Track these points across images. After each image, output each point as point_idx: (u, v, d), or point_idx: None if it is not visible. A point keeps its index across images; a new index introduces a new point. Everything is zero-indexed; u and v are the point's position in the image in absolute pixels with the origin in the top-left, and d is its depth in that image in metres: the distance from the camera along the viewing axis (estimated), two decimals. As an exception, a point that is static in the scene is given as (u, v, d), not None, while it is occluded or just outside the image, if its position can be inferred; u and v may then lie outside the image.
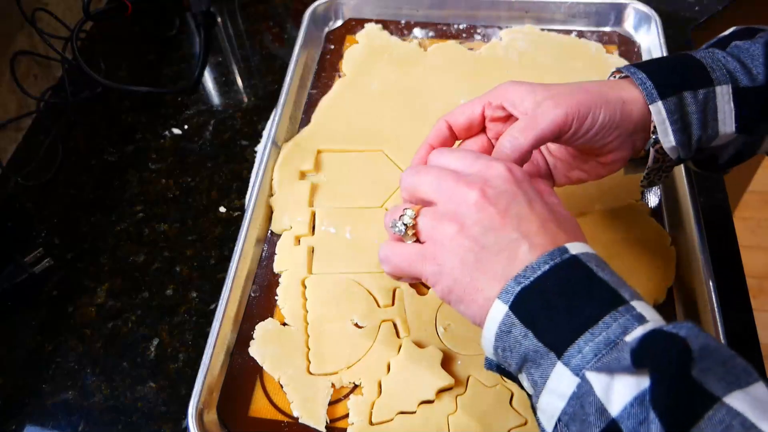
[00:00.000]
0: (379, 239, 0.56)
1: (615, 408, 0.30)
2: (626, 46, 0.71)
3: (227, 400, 0.49)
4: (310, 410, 0.47)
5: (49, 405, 0.52)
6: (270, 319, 0.52)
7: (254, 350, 0.51)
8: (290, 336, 0.51)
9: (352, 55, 0.72)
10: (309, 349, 0.50)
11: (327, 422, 0.47)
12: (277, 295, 0.54)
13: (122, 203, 0.65)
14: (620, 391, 0.30)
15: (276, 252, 0.56)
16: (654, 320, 0.33)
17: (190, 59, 0.79)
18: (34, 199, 0.66)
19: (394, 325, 0.51)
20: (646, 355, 0.30)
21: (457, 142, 0.47)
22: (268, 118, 0.69)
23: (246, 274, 0.55)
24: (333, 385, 0.49)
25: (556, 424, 0.33)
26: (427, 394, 0.47)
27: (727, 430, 0.28)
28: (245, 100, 0.74)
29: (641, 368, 0.30)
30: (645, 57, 0.70)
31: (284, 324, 0.52)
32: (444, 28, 0.75)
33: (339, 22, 0.76)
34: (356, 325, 0.51)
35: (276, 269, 0.55)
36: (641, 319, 0.32)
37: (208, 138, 0.70)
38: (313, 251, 0.56)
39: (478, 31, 0.74)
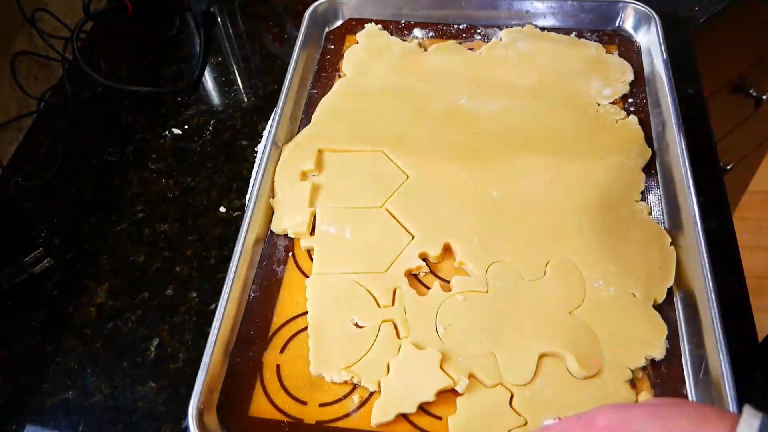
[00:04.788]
0: (379, 239, 0.56)
1: None
2: (626, 46, 0.71)
3: (227, 400, 0.49)
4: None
5: (49, 405, 0.52)
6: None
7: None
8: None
9: (352, 55, 0.72)
10: (309, 349, 0.50)
11: (327, 422, 0.47)
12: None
13: (122, 203, 0.65)
14: None
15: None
16: None
17: (190, 59, 0.79)
18: (34, 199, 0.66)
19: (395, 326, 0.51)
20: None
21: None
22: (268, 118, 0.69)
23: (246, 274, 0.55)
24: (333, 385, 0.49)
25: None
26: (426, 395, 0.47)
27: None
28: (245, 100, 0.74)
29: None
30: (645, 57, 0.70)
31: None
32: (444, 28, 0.75)
33: (339, 22, 0.76)
34: (356, 325, 0.51)
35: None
36: None
37: (208, 138, 0.70)
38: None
39: (478, 31, 0.74)
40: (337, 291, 0.53)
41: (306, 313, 0.53)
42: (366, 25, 0.75)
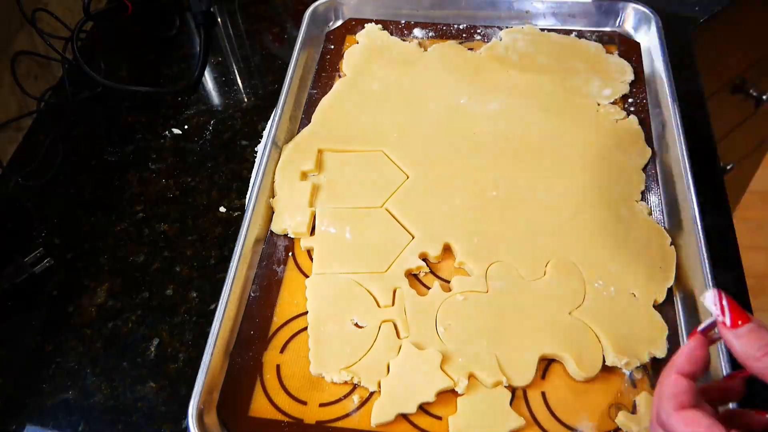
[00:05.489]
0: (379, 239, 0.56)
1: None
2: (626, 46, 0.71)
3: (227, 400, 0.49)
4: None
5: (49, 405, 0.52)
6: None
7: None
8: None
9: (352, 55, 0.72)
10: (309, 349, 0.50)
11: (326, 422, 0.47)
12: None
13: (122, 203, 0.65)
14: None
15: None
16: None
17: (190, 59, 0.79)
18: (34, 199, 0.66)
19: (395, 326, 0.51)
20: None
21: None
22: (268, 118, 0.69)
23: (246, 274, 0.55)
24: (333, 385, 0.49)
25: None
26: (426, 396, 0.47)
27: None
28: (245, 100, 0.74)
29: None
30: (645, 57, 0.70)
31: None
32: (444, 28, 0.75)
33: (339, 22, 0.76)
34: (356, 325, 0.51)
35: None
36: None
37: (208, 138, 0.70)
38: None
39: (478, 31, 0.74)
40: (337, 291, 0.53)
41: (306, 313, 0.53)
42: (366, 25, 0.75)
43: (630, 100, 0.66)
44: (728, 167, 1.20)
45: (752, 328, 0.35)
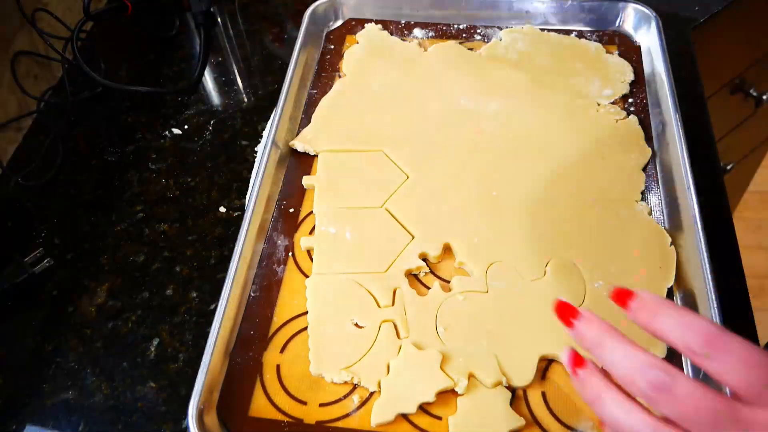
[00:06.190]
0: (379, 239, 0.56)
1: None
2: (626, 46, 0.71)
3: (227, 400, 0.49)
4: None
5: (49, 405, 0.52)
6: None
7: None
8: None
9: (352, 55, 0.72)
10: (309, 349, 0.50)
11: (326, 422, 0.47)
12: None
13: (122, 203, 0.65)
14: None
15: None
16: None
17: (190, 59, 0.79)
18: (34, 199, 0.66)
19: (395, 326, 0.51)
20: None
21: None
22: (268, 118, 0.69)
23: (246, 274, 0.55)
24: (333, 385, 0.49)
25: None
26: (426, 396, 0.47)
27: None
28: (245, 100, 0.74)
29: None
30: (645, 57, 0.70)
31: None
32: (444, 28, 0.75)
33: (339, 22, 0.76)
34: (356, 325, 0.51)
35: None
36: None
37: (208, 138, 0.70)
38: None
39: (478, 31, 0.74)
40: (337, 291, 0.53)
41: (306, 313, 0.53)
42: (366, 25, 0.75)
43: (630, 100, 0.66)
44: (728, 167, 1.20)
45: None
